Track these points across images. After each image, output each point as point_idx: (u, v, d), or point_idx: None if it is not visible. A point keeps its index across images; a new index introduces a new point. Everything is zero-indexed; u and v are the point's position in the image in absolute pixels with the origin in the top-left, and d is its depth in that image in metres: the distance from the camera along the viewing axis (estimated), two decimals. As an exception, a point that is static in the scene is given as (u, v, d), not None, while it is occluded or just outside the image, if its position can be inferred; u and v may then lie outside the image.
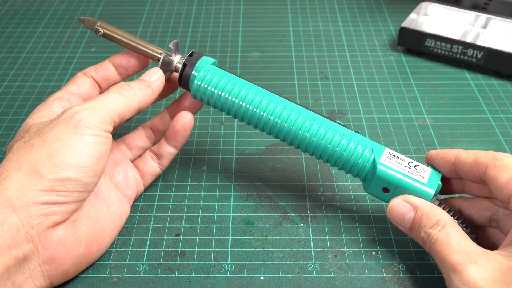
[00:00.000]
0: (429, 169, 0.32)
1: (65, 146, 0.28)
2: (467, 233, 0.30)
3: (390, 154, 0.32)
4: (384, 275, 0.32)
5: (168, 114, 0.37)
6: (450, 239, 0.28)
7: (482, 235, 0.32)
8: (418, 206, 0.30)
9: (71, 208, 0.28)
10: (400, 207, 0.30)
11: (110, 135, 0.30)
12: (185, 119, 0.35)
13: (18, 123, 0.45)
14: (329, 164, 0.33)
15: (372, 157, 0.32)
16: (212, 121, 0.45)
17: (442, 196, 0.35)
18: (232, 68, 0.52)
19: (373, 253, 0.33)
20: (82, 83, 0.34)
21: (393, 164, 0.31)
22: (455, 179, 0.33)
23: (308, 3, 0.64)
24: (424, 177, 0.31)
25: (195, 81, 0.33)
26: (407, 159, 0.32)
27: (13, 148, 0.29)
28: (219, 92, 0.33)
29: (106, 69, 0.35)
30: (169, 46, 0.34)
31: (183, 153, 0.41)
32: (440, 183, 0.31)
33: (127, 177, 0.34)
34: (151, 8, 0.63)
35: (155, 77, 0.33)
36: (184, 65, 0.34)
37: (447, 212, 0.31)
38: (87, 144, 0.28)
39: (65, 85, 0.34)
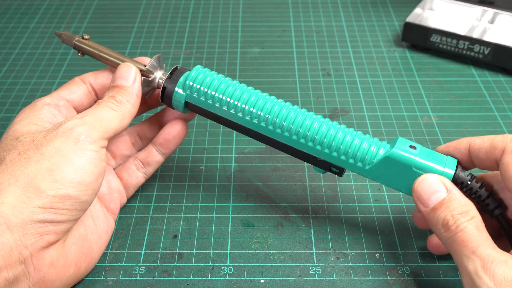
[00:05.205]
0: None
1: (66, 161, 0.27)
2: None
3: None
4: (388, 278, 0.31)
5: (158, 120, 0.35)
6: (481, 233, 0.27)
7: None
8: (452, 190, 0.29)
9: (66, 227, 0.27)
10: (434, 183, 0.29)
11: (106, 152, 0.29)
12: (180, 126, 0.34)
13: (11, 121, 0.44)
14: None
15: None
16: (211, 118, 0.44)
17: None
18: (232, 65, 0.51)
19: (377, 255, 0.33)
20: (75, 89, 0.33)
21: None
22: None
23: (309, -2, 0.63)
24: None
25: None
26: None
27: (5, 160, 0.27)
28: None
29: (107, 77, 0.34)
30: (152, 61, 0.33)
31: (180, 152, 0.41)
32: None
33: (110, 190, 0.33)
34: (148, 2, 0.62)
35: (131, 78, 0.31)
36: (167, 80, 0.32)
37: (479, 187, 0.30)
38: (88, 160, 0.27)
39: (57, 88, 0.33)
